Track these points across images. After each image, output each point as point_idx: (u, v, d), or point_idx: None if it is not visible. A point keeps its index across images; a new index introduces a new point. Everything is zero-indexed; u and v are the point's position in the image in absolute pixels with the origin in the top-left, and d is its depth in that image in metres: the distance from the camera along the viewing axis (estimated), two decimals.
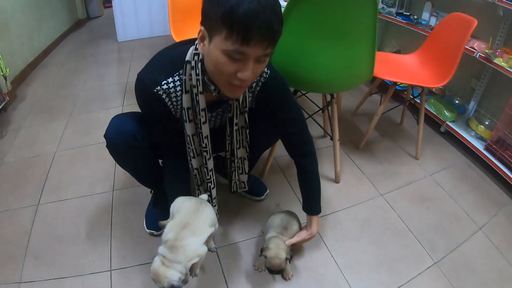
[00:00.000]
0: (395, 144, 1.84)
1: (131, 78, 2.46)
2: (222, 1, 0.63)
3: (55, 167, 1.54)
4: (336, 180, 1.51)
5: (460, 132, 1.84)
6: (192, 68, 0.79)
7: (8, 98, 2.05)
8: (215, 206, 1.05)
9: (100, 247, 1.15)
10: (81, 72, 2.61)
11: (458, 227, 1.34)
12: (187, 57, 0.79)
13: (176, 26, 1.61)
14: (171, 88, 0.82)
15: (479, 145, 1.74)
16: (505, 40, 1.75)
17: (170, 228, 0.77)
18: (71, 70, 2.68)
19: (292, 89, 1.32)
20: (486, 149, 1.70)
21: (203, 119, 0.86)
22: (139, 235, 1.20)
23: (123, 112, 1.01)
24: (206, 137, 0.90)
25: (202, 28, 0.71)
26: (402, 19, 2.20)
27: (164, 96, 0.83)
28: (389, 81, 1.74)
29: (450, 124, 1.91)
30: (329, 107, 1.42)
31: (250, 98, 0.92)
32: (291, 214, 1.12)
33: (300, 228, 1.10)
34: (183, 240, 0.74)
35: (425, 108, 2.07)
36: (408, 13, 2.25)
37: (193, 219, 0.79)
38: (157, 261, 0.73)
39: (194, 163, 0.97)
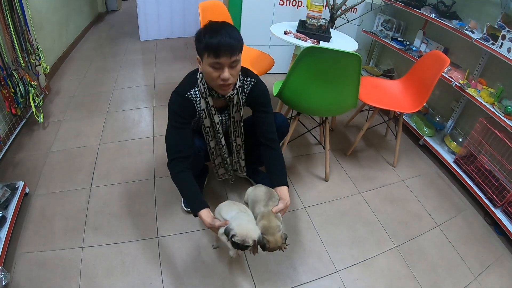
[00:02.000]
0: (377, 153, 2.19)
1: (157, 80, 2.75)
2: (202, 39, 1.07)
3: (101, 157, 1.86)
4: (326, 179, 1.87)
5: (435, 146, 2.19)
6: (200, 81, 1.21)
7: (47, 92, 2.35)
8: (231, 170, 1.48)
9: (147, 220, 1.50)
10: (110, 71, 2.90)
11: (419, 222, 1.70)
12: (197, 76, 1.23)
13: None
14: (194, 95, 1.23)
15: (449, 159, 2.09)
16: (482, 71, 2.06)
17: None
18: (99, 68, 2.97)
19: (296, 112, 1.67)
20: (455, 162, 2.05)
21: (213, 111, 1.28)
22: (178, 212, 1.55)
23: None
24: (218, 123, 1.31)
25: (198, 57, 1.15)
26: (396, 44, 2.52)
27: (192, 99, 1.23)
28: None
29: (427, 138, 2.25)
30: (323, 125, 1.77)
31: (243, 100, 1.30)
32: (267, 187, 1.25)
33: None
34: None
35: (408, 123, 2.41)
36: (402, 39, 2.56)
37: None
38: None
39: (212, 143, 1.38)
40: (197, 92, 1.23)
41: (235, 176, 1.59)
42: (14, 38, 1.82)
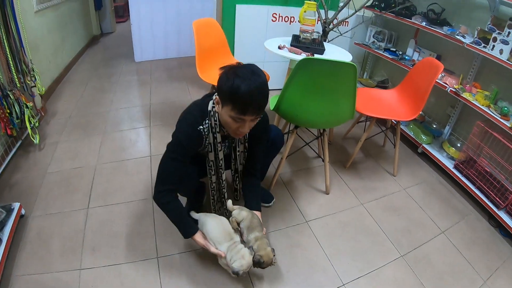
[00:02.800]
0: (376, 164, 2.18)
1: (153, 100, 2.75)
2: (229, 84, 1.01)
3: (98, 177, 1.84)
4: (326, 192, 1.84)
5: (434, 153, 2.18)
6: (212, 116, 1.18)
7: (42, 113, 2.35)
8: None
9: (146, 240, 1.46)
10: (106, 92, 2.92)
11: (423, 230, 1.67)
12: (209, 108, 1.18)
13: (201, 63, 1.95)
14: (206, 129, 1.20)
15: (449, 164, 2.08)
16: (475, 75, 2.10)
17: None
18: (96, 89, 2.99)
19: (293, 125, 1.68)
20: (455, 167, 2.05)
21: (219, 148, 1.26)
22: (178, 231, 1.51)
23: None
24: (222, 159, 1.31)
25: (217, 97, 1.11)
26: (389, 55, 2.56)
27: (202, 133, 1.19)
28: None
29: (426, 146, 2.25)
30: (321, 137, 1.76)
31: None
32: (252, 212, 1.33)
33: None
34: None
35: (405, 132, 2.42)
36: (395, 49, 2.61)
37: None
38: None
39: (213, 178, 1.36)
40: (206, 126, 1.19)
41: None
42: (10, 59, 1.83)
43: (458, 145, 2.20)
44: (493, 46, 1.76)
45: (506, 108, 1.73)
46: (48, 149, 2.09)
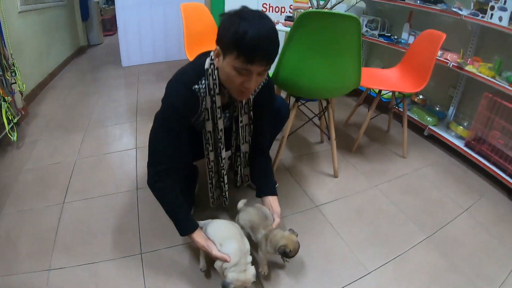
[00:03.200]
0: (384, 147, 2.04)
1: (140, 98, 2.61)
2: (233, 29, 0.84)
3: (77, 172, 1.64)
4: (335, 175, 1.67)
5: (441, 134, 2.06)
6: (210, 75, 0.98)
7: (23, 113, 2.18)
8: (227, 191, 1.23)
9: (129, 235, 1.25)
10: (91, 94, 2.76)
11: (445, 210, 1.51)
12: (206, 66, 0.98)
13: (190, 48, 1.83)
14: (202, 89, 1.00)
15: (459, 143, 1.95)
16: (475, 50, 2.02)
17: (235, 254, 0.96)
18: (81, 92, 2.83)
19: (294, 98, 1.53)
20: (466, 145, 1.91)
21: (219, 115, 1.05)
22: (166, 223, 1.28)
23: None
24: (221, 130, 1.09)
25: (218, 47, 0.92)
26: (384, 40, 2.49)
27: (198, 94, 1.00)
28: (374, 93, 1.96)
29: (432, 128, 2.13)
30: (325, 113, 1.62)
31: (253, 97, 1.11)
32: (255, 205, 1.17)
33: None
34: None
35: (409, 115, 2.30)
36: (389, 34, 2.55)
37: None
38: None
39: (211, 156, 1.14)
40: (202, 87, 0.99)
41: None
42: None
43: (465, 124, 2.08)
44: (491, 14, 1.70)
45: None
46: (26, 147, 1.91)
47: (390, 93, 2.16)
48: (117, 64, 3.61)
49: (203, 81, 0.99)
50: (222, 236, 1.01)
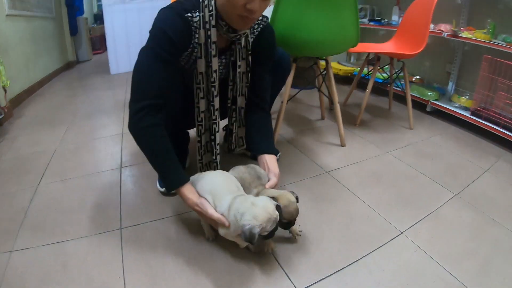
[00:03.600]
0: (388, 121, 1.95)
1: (128, 96, 2.50)
2: None
3: (57, 157, 1.49)
4: (342, 144, 1.56)
5: (445, 106, 1.99)
6: (206, 6, 0.88)
7: (6, 110, 2.04)
8: (218, 154, 1.07)
9: (109, 212, 1.08)
10: (79, 96, 2.65)
11: (466, 171, 1.40)
12: None
13: None
14: (193, 18, 0.88)
15: (465, 113, 1.88)
16: (467, 21, 2.01)
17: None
18: (68, 95, 2.72)
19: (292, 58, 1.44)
20: (473, 114, 1.84)
21: (213, 52, 0.91)
22: (150, 197, 1.15)
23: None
24: (215, 71, 0.95)
25: None
26: (375, 23, 2.50)
27: (191, 23, 0.88)
28: (369, 76, 1.89)
29: (434, 102, 2.06)
30: (325, 79, 1.54)
31: (251, 40, 1.00)
32: (248, 165, 1.01)
33: None
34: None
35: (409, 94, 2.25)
36: (379, 18, 2.56)
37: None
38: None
39: (202, 105, 1.00)
40: (196, 19, 0.88)
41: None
42: None
43: (467, 96, 2.03)
44: None
45: (509, 38, 1.64)
46: (6, 142, 1.75)
47: (387, 75, 2.10)
48: (106, 73, 3.54)
49: (197, 13, 0.89)
50: (216, 191, 0.84)
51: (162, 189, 1.16)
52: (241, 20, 0.86)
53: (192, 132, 1.18)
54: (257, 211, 0.74)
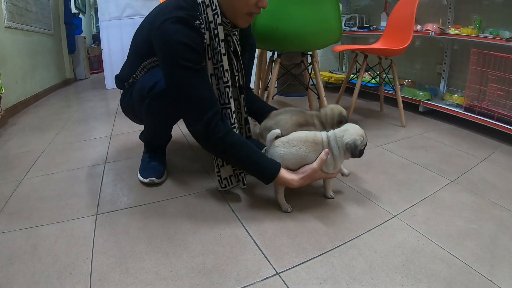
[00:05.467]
0: (380, 121, 1.94)
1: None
2: None
3: (45, 156, 1.46)
4: None
5: (438, 105, 1.98)
6: (207, 6, 0.87)
7: (0, 117, 2.03)
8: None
9: (86, 199, 1.05)
10: (73, 106, 2.67)
11: (462, 160, 1.36)
12: (199, 0, 0.87)
13: None
14: (202, 25, 0.87)
15: (458, 110, 1.86)
16: (454, 20, 2.05)
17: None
18: (63, 106, 2.74)
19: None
20: (466, 109, 1.83)
21: (223, 50, 0.90)
22: (130, 186, 1.13)
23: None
24: (227, 70, 0.93)
25: None
26: (364, 30, 2.55)
27: (201, 31, 0.87)
28: (355, 80, 1.89)
29: (426, 101, 2.06)
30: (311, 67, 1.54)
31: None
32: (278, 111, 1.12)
33: None
34: None
35: (402, 96, 2.24)
36: (368, 25, 2.61)
37: None
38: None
39: (233, 104, 0.98)
40: (201, 21, 0.87)
41: None
42: None
43: (459, 94, 2.02)
44: None
45: (495, 31, 1.68)
46: None
47: (377, 79, 2.10)
48: (102, 88, 3.58)
49: (200, 16, 0.88)
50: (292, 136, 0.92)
51: (146, 180, 1.12)
52: (248, 18, 0.89)
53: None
54: (352, 129, 0.90)
